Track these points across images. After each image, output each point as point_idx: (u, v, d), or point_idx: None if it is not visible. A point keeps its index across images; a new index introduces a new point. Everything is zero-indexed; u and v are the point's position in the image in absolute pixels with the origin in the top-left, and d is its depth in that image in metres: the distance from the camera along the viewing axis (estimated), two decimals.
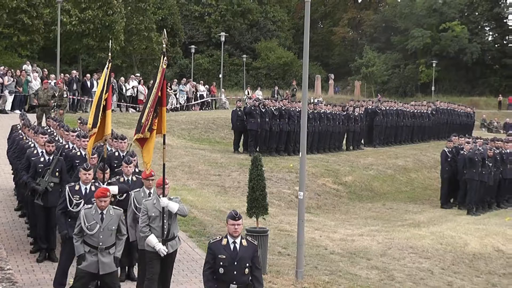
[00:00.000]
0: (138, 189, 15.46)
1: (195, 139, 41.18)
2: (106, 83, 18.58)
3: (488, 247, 27.78)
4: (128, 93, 51.37)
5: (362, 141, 45.59)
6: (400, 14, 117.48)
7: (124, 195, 16.45)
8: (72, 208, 15.26)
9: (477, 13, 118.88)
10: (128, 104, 50.47)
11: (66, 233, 15.46)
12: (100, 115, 17.73)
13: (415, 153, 45.00)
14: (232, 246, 10.86)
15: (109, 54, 21.63)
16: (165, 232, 14.11)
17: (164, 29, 20.97)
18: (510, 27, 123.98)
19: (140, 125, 15.63)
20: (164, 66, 15.78)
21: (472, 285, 23.30)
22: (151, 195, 14.77)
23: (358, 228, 28.60)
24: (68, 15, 67.94)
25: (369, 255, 24.49)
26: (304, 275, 19.82)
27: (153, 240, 13.86)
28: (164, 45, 17.67)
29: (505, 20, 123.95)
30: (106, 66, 19.49)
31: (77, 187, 15.53)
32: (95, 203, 13.40)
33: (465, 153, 34.72)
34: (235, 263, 10.74)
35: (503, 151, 36.11)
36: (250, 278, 11.00)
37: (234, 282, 10.61)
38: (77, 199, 15.29)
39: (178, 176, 28.92)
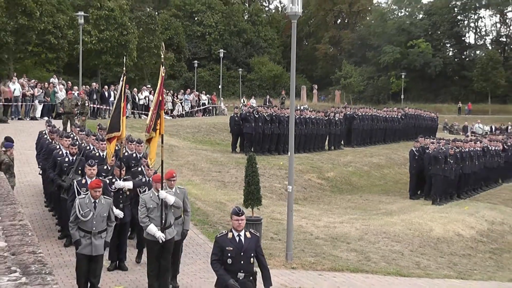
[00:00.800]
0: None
1: (198, 141, 41.15)
2: (121, 93, 18.69)
3: (450, 232, 27.81)
4: (141, 102, 51.35)
5: (342, 142, 45.54)
6: (374, 33, 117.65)
7: (145, 188, 16.23)
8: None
9: (439, 32, 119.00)
10: (141, 112, 50.38)
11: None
12: (120, 122, 17.88)
13: (387, 152, 45.01)
14: (237, 239, 10.70)
15: (124, 68, 21.59)
16: (163, 221, 14.19)
17: (163, 43, 20.95)
18: (467, 44, 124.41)
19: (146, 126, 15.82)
20: (163, 74, 15.84)
21: (436, 265, 23.31)
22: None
23: (339, 216, 28.63)
24: (89, 35, 67.96)
25: (349, 239, 24.53)
26: (293, 257, 19.83)
27: (152, 229, 14.01)
28: (162, 56, 17.72)
29: (463, 38, 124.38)
30: (121, 79, 19.51)
31: (83, 181, 15.90)
32: (88, 193, 13.67)
33: (430, 152, 34.81)
34: (242, 253, 10.60)
35: (462, 150, 36.14)
36: (254, 267, 10.85)
37: (242, 271, 10.46)
38: (84, 191, 15.30)
39: (184, 173, 28.87)
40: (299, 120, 38.33)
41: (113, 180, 16.56)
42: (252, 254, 10.76)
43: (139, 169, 17.68)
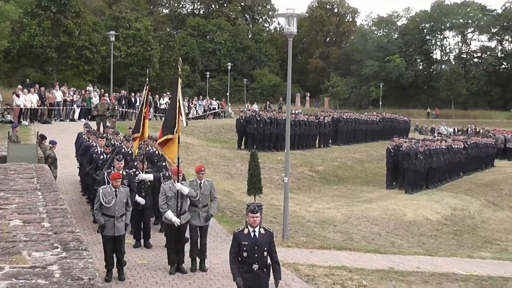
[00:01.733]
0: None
1: (210, 140, 41.09)
2: (144, 100, 18.81)
3: (419, 217, 27.83)
4: (162, 107, 51.23)
5: (330, 141, 45.39)
6: (356, 50, 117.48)
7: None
8: None
9: (411, 49, 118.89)
10: (162, 115, 50.21)
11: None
12: (141, 124, 17.93)
13: (368, 150, 44.94)
14: (252, 235, 10.43)
15: (147, 78, 21.80)
16: (179, 208, 14.14)
17: (180, 58, 21.06)
18: (434, 59, 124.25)
19: (169, 128, 15.58)
20: (180, 84, 15.76)
21: (408, 244, 23.35)
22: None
23: (327, 203, 28.66)
24: (119, 50, 68.04)
25: (335, 222, 24.57)
26: (288, 237, 19.81)
27: (169, 214, 14.00)
28: (180, 69, 17.69)
29: (431, 54, 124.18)
30: (145, 87, 19.58)
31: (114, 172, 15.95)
32: (110, 184, 13.81)
33: (403, 149, 34.87)
34: (256, 248, 10.33)
35: (430, 148, 36.13)
36: (268, 260, 10.58)
37: (256, 263, 10.24)
38: None
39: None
40: (294, 122, 38.23)
41: (137, 172, 16.66)
42: (266, 248, 10.47)
43: (164, 164, 17.61)
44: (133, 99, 49.66)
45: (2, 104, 37.91)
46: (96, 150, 19.59)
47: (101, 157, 18.53)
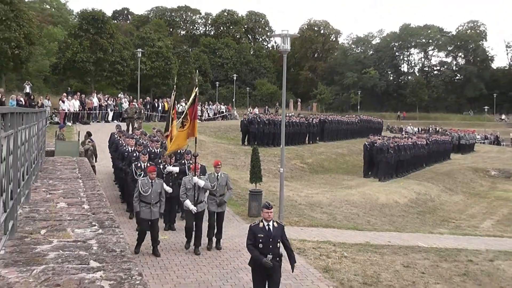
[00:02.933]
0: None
1: (219, 137, 41.08)
2: (172, 105, 19.81)
3: (390, 200, 27.87)
4: (180, 110, 51.13)
5: (317, 138, 45.40)
6: (339, 64, 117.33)
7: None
8: (137, 177, 15.77)
9: (383, 63, 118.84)
10: (179, 116, 50.16)
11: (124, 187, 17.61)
12: (170, 124, 18.38)
13: (348, 145, 44.98)
14: (267, 228, 9.99)
15: (174, 88, 22.04)
16: (195, 198, 14.15)
17: (197, 70, 21.14)
18: (402, 72, 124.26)
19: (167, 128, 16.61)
20: (197, 93, 15.74)
21: (381, 222, 23.39)
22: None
23: (315, 189, 28.68)
24: (144, 64, 67.94)
25: (322, 205, 24.60)
26: (284, 217, 19.77)
27: (188, 203, 14.05)
28: (196, 80, 17.76)
29: (399, 67, 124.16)
30: (172, 94, 20.06)
31: (139, 165, 16.50)
32: (148, 176, 13.88)
33: (377, 145, 34.97)
34: (270, 239, 9.92)
35: (399, 144, 36.18)
36: (280, 250, 10.12)
37: (270, 253, 9.81)
38: (139, 171, 16.26)
39: (209, 159, 28.71)
40: (288, 123, 38.17)
41: (165, 165, 16.71)
42: (279, 240, 10.05)
43: (183, 161, 17.40)
44: (156, 104, 49.66)
45: (51, 109, 37.90)
46: (125, 148, 19.40)
47: (134, 154, 18.33)
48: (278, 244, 10.02)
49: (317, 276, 13.42)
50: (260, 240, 9.91)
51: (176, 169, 16.80)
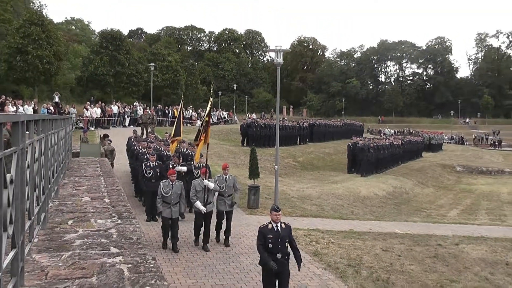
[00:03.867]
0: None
1: (221, 139, 41.04)
2: (180, 112, 19.35)
3: (371, 193, 27.91)
4: (187, 116, 51.19)
5: (307, 140, 45.39)
6: (326, 75, 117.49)
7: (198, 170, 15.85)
8: (147, 174, 15.94)
9: (364, 74, 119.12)
10: (187, 121, 50.16)
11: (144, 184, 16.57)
12: (180, 129, 18.28)
13: (334, 146, 44.99)
14: (275, 229, 9.41)
15: (182, 97, 21.95)
16: (205, 199, 13.52)
17: (213, 82, 21.12)
18: (380, 81, 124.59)
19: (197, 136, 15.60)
20: (212, 102, 15.69)
21: (363, 212, 23.43)
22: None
23: (305, 184, 28.70)
24: (156, 77, 67.86)
25: (311, 198, 24.61)
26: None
27: (198, 204, 13.37)
28: (212, 91, 17.66)
29: (378, 78, 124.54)
30: (180, 103, 20.04)
31: (148, 164, 16.21)
32: (168, 178, 13.35)
33: (359, 145, 35.00)
34: (279, 240, 9.36)
35: (378, 144, 36.24)
36: (288, 249, 9.57)
37: (279, 253, 9.31)
38: (148, 169, 16.08)
39: (213, 159, 28.79)
40: (281, 127, 38.15)
41: (174, 165, 16.32)
42: (287, 240, 9.51)
43: (192, 162, 17.13)
44: (166, 111, 49.72)
45: (76, 115, 37.91)
46: (139, 150, 19.41)
47: (145, 156, 17.85)
48: (286, 243, 9.55)
49: (308, 259, 13.45)
50: (270, 241, 9.43)
51: (184, 169, 16.48)
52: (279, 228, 9.47)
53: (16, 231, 3.41)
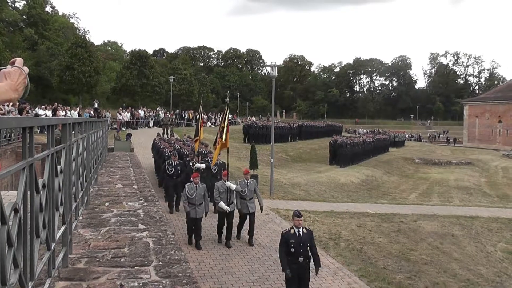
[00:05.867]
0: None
1: (233, 138, 40.85)
2: (200, 116, 19.28)
3: (348, 181, 27.89)
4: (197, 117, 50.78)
5: (297, 138, 45.24)
6: (311, 85, 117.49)
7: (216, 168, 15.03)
8: (169, 172, 14.79)
9: (342, 85, 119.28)
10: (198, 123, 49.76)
11: (163, 179, 15.67)
12: (199, 131, 17.69)
13: (319, 142, 44.81)
14: (297, 234, 8.29)
15: (201, 103, 21.45)
16: (228, 200, 12.01)
17: (228, 92, 20.55)
18: (356, 91, 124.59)
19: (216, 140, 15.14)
20: (227, 110, 15.16)
21: (341, 196, 23.38)
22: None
23: (295, 174, 28.65)
24: (174, 87, 67.69)
25: (300, 185, 24.57)
26: (273, 193, 19.82)
27: (222, 204, 11.85)
28: (227, 99, 17.11)
29: (353, 88, 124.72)
30: (200, 107, 19.75)
31: (170, 162, 14.92)
32: (192, 181, 11.81)
33: (338, 142, 34.91)
34: (301, 244, 8.27)
35: (354, 141, 36.27)
36: (309, 253, 8.43)
37: (301, 256, 8.24)
38: (170, 167, 14.82)
39: (221, 154, 28.81)
40: (276, 127, 37.72)
41: (194, 163, 15.14)
42: (308, 244, 8.38)
43: (207, 159, 15.87)
44: (183, 115, 49.54)
45: (111, 118, 37.89)
46: (163, 149, 18.00)
47: (167, 154, 16.51)
48: (308, 248, 8.44)
49: None
50: (292, 245, 8.33)
51: (203, 166, 15.16)
52: (301, 233, 8.41)
53: (65, 211, 3.45)
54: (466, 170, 39.45)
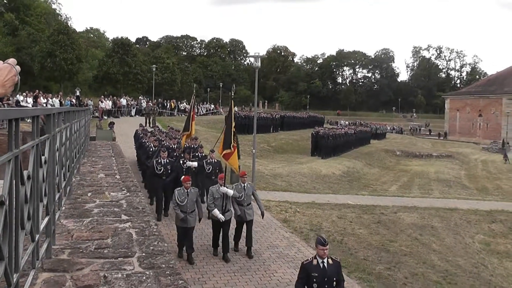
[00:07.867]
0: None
1: (209, 127, 40.69)
2: (192, 108, 18.22)
3: (329, 172, 28.00)
4: (182, 108, 50.56)
5: (279, 129, 45.34)
6: (294, 76, 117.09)
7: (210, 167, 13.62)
8: (157, 171, 12.91)
9: (325, 76, 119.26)
10: (180, 113, 49.46)
11: (150, 179, 13.92)
12: (190, 125, 16.68)
13: (301, 133, 44.97)
14: (321, 266, 6.60)
15: (194, 93, 20.33)
16: (224, 207, 10.36)
17: (234, 85, 19.65)
18: (338, 82, 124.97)
19: (227, 144, 14.11)
20: (233, 108, 14.64)
21: (323, 188, 23.49)
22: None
23: (277, 164, 28.67)
24: (157, 76, 67.08)
25: (282, 176, 24.58)
26: (256, 184, 19.79)
27: (216, 212, 10.18)
28: (232, 93, 16.38)
29: (336, 79, 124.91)
30: (192, 98, 18.80)
31: (160, 160, 13.14)
32: (183, 186, 10.14)
33: (320, 133, 35.04)
34: (326, 279, 6.58)
35: (336, 133, 36.43)
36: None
37: None
38: (159, 166, 12.93)
39: (204, 145, 28.65)
40: (258, 118, 37.75)
41: (185, 161, 13.32)
42: (335, 279, 6.68)
43: (197, 153, 14.97)
44: (165, 104, 49.18)
45: (93, 107, 37.45)
46: (147, 143, 16.25)
47: (151, 149, 15.17)
48: (335, 282, 6.71)
49: (278, 225, 13.56)
50: (314, 280, 6.62)
51: (195, 164, 13.54)
52: (325, 265, 6.71)
53: (49, 201, 3.43)
54: (446, 163, 40.05)
